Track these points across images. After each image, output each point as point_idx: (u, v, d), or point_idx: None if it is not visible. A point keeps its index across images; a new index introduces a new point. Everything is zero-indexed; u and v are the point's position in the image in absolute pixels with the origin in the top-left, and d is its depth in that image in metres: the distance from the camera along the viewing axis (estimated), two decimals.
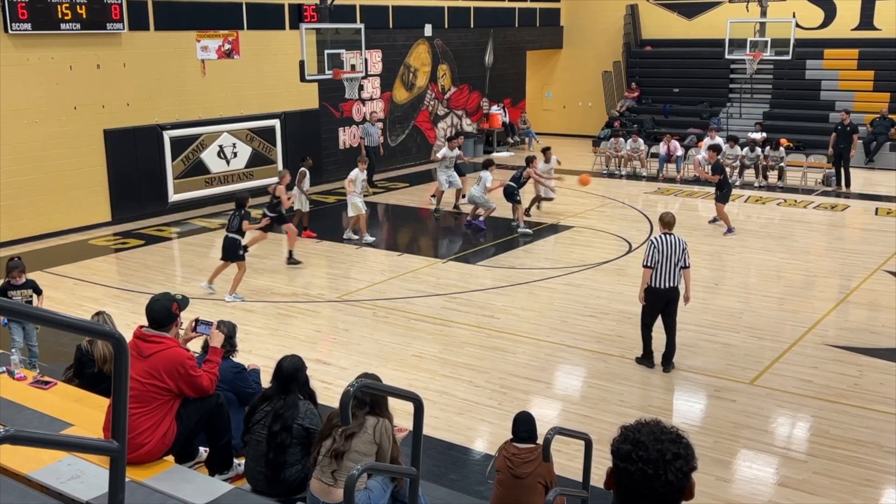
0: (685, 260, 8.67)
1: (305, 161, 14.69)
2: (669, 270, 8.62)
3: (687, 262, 8.69)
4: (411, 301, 11.26)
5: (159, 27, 16.15)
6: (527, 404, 7.97)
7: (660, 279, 8.64)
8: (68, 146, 14.99)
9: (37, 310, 2.51)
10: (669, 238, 8.68)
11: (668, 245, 8.63)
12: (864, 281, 11.99)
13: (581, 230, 15.17)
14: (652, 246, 8.68)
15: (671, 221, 8.90)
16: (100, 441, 3.27)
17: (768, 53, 20.41)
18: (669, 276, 8.64)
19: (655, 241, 8.72)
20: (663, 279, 8.64)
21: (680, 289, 8.75)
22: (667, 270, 8.62)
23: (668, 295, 8.72)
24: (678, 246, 8.64)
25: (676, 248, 8.63)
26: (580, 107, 27.34)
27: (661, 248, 8.62)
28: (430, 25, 22.43)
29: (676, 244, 8.65)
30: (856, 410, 7.92)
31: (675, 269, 8.63)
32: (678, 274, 8.66)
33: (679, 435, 2.21)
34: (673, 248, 8.62)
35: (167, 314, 4.99)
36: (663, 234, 8.76)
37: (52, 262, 13.28)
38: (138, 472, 4.59)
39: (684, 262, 8.66)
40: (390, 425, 4.88)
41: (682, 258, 8.64)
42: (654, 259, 8.63)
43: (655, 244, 8.67)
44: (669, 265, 8.61)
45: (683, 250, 8.66)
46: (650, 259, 8.66)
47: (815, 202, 17.42)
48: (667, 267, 8.61)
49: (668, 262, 8.61)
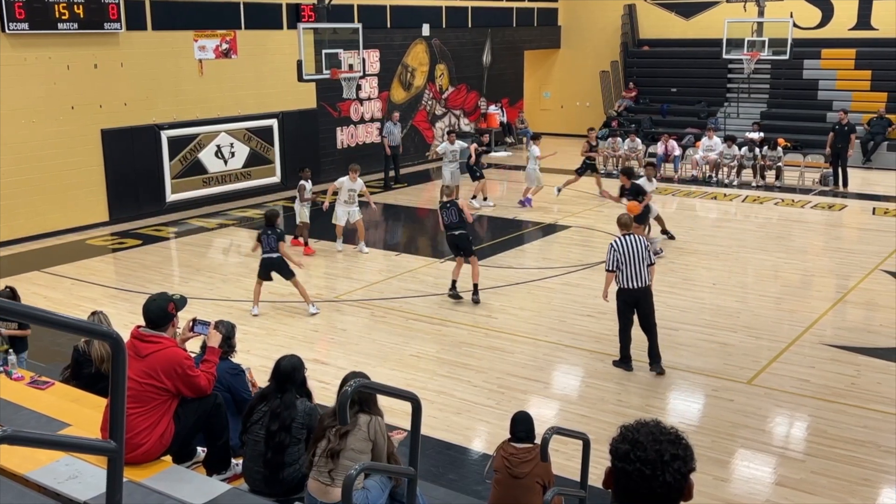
0: (649, 257, 8.75)
1: (304, 172, 14.19)
2: (636, 270, 8.66)
3: (652, 258, 8.82)
4: (409, 301, 11.26)
5: (157, 27, 16.14)
6: (525, 404, 7.97)
7: (627, 280, 8.69)
8: (66, 146, 14.98)
9: (35, 310, 2.50)
10: (629, 238, 8.77)
11: (629, 245, 8.68)
12: (861, 280, 12.01)
13: (579, 230, 15.17)
14: (612, 249, 8.75)
15: (628, 223, 9.10)
16: (97, 441, 3.27)
17: (766, 53, 20.43)
18: (637, 275, 8.67)
19: (615, 243, 8.78)
20: (631, 279, 8.67)
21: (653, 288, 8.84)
22: (633, 270, 8.66)
23: (639, 294, 8.74)
24: (640, 244, 8.73)
25: (639, 247, 8.70)
26: (578, 106, 27.34)
27: (623, 249, 8.68)
28: (427, 25, 22.43)
29: (638, 243, 8.75)
30: (853, 410, 7.93)
31: (641, 268, 8.67)
32: (646, 272, 8.70)
33: (678, 436, 2.21)
34: (635, 247, 8.68)
35: (164, 314, 4.99)
36: (623, 235, 8.85)
37: (50, 262, 13.27)
38: (136, 473, 4.58)
39: (650, 259, 8.73)
40: (382, 422, 4.89)
41: (647, 256, 8.71)
42: (617, 261, 8.69)
43: (615, 247, 8.73)
44: (635, 265, 8.65)
45: (646, 248, 8.76)
46: (611, 263, 8.73)
47: (813, 202, 17.44)
48: (633, 267, 8.65)
49: (633, 262, 8.64)
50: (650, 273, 8.76)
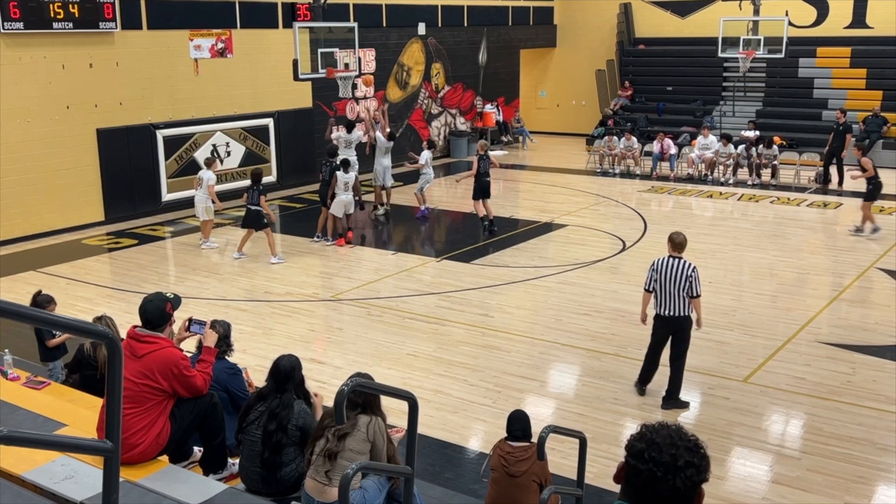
0: (691, 288, 7.78)
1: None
2: (671, 297, 7.82)
3: (695, 290, 7.79)
4: (406, 300, 11.26)
5: (152, 26, 16.11)
6: (521, 403, 7.98)
7: (661, 305, 7.91)
8: (61, 145, 14.95)
9: (32, 310, 2.50)
10: (671, 262, 7.87)
11: (668, 269, 7.84)
12: (856, 279, 12.04)
13: (575, 229, 15.18)
14: (651, 268, 8.01)
15: (681, 243, 8.01)
16: (93, 441, 3.26)
17: (761, 52, 20.47)
18: (672, 303, 7.83)
19: (655, 263, 8.00)
20: (665, 306, 7.88)
21: (693, 318, 7.97)
22: (668, 297, 7.84)
23: (672, 324, 7.91)
24: (681, 272, 7.79)
25: (678, 274, 7.79)
26: (574, 105, 27.36)
27: (661, 271, 7.87)
28: (423, 24, 22.42)
29: (679, 270, 7.80)
30: (848, 408, 7.95)
31: (678, 297, 7.79)
32: (684, 302, 7.82)
33: (697, 444, 2.19)
34: (674, 273, 7.80)
35: (161, 314, 4.98)
36: (669, 256, 7.96)
37: (45, 262, 13.24)
38: (132, 473, 4.58)
39: (691, 291, 7.79)
40: (383, 423, 4.89)
41: (686, 286, 7.77)
42: (653, 282, 7.94)
43: (654, 267, 7.97)
44: (671, 292, 7.81)
45: (687, 278, 7.75)
46: (648, 282, 8.00)
47: (808, 200, 17.47)
48: (667, 293, 7.83)
49: (670, 289, 7.81)
50: (690, 305, 7.84)
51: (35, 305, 7.35)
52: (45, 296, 7.64)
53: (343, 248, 13.98)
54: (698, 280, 7.82)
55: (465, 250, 13.83)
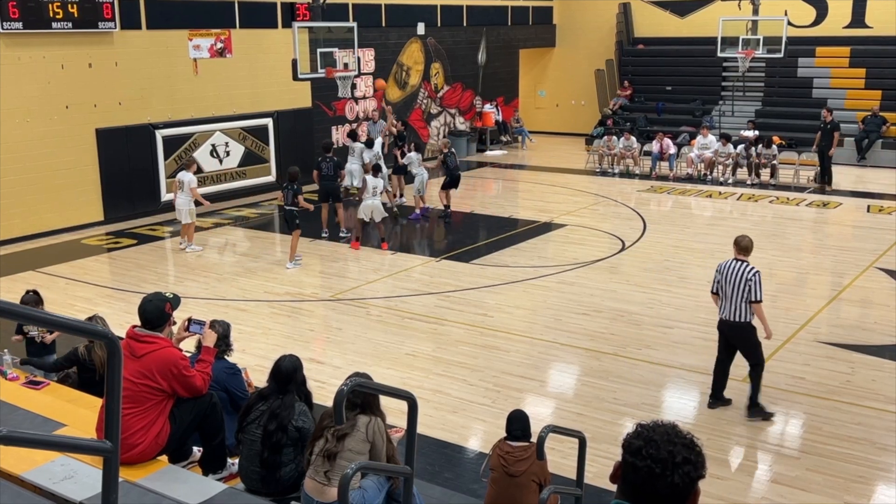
0: (751, 292, 7.56)
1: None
2: (731, 302, 7.66)
3: (755, 295, 7.56)
4: (405, 300, 11.26)
5: (151, 26, 16.10)
6: (520, 402, 7.98)
7: (723, 310, 7.77)
8: (60, 145, 14.94)
9: (31, 310, 2.50)
10: (735, 265, 7.68)
11: (729, 272, 7.66)
12: (856, 278, 12.04)
13: (574, 228, 15.18)
14: (716, 271, 7.86)
15: (747, 246, 7.80)
16: (93, 441, 3.26)
17: (760, 51, 20.47)
18: (731, 307, 7.66)
19: (720, 266, 7.83)
20: (725, 311, 7.74)
21: (756, 324, 7.73)
22: (728, 301, 7.68)
23: (734, 330, 7.74)
24: (741, 275, 7.58)
25: (738, 277, 7.58)
26: (573, 105, 27.36)
27: (724, 274, 7.70)
28: (422, 24, 22.42)
29: (740, 273, 7.60)
30: (848, 407, 7.95)
31: (738, 302, 7.61)
32: (744, 308, 7.62)
33: (693, 442, 2.22)
34: (734, 276, 7.61)
35: (160, 314, 4.98)
36: (733, 259, 7.77)
37: (45, 262, 13.24)
38: (132, 473, 4.58)
39: (750, 295, 7.57)
40: (383, 424, 4.88)
41: (745, 290, 7.57)
42: (716, 284, 7.80)
43: (718, 269, 7.81)
44: (730, 295, 7.64)
45: (746, 281, 7.55)
46: (714, 285, 7.86)
47: (807, 199, 17.48)
48: (728, 297, 7.67)
49: (730, 292, 7.64)
50: (751, 310, 7.64)
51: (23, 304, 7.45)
52: (31, 295, 7.70)
53: (357, 249, 13.80)
54: (759, 284, 7.59)
55: (465, 250, 13.83)
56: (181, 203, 13.60)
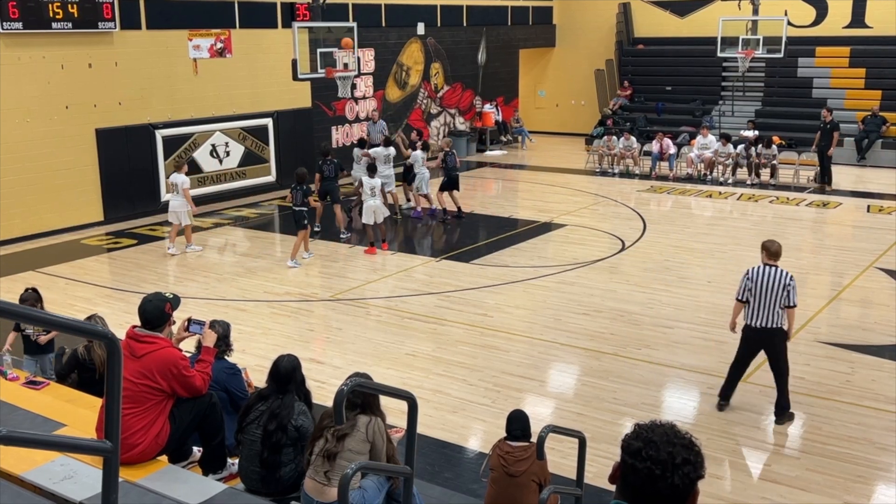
0: (788, 298, 7.47)
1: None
2: (766, 307, 7.48)
3: (792, 300, 7.49)
4: (405, 300, 11.26)
5: (151, 26, 16.10)
6: (520, 402, 7.98)
7: (753, 316, 7.57)
8: (60, 145, 14.94)
9: (30, 310, 2.50)
10: (769, 271, 7.54)
11: (765, 278, 7.50)
12: (856, 278, 12.04)
13: (574, 228, 15.18)
14: (745, 276, 7.64)
15: (776, 251, 7.66)
16: (93, 441, 3.27)
17: (760, 51, 20.46)
18: (766, 314, 7.50)
19: (750, 271, 7.64)
20: (757, 316, 7.55)
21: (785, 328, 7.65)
22: (762, 307, 7.49)
23: (765, 337, 7.59)
24: (779, 281, 7.47)
25: (776, 283, 7.46)
26: (573, 105, 27.37)
27: (757, 280, 7.52)
28: (422, 24, 22.42)
29: (777, 279, 7.48)
30: (847, 407, 7.95)
31: (773, 307, 7.48)
32: (778, 313, 7.50)
33: (692, 442, 2.21)
34: (771, 282, 7.47)
35: (160, 314, 4.99)
36: (764, 265, 7.64)
37: (45, 262, 13.24)
38: (132, 473, 4.58)
39: (788, 301, 7.48)
40: (383, 424, 4.89)
41: (783, 296, 7.46)
42: (748, 292, 7.59)
43: (749, 275, 7.60)
44: (766, 302, 7.48)
45: (784, 287, 7.44)
46: (741, 291, 7.63)
47: (807, 199, 17.48)
48: (763, 303, 7.49)
49: (765, 299, 7.48)
50: (785, 316, 7.55)
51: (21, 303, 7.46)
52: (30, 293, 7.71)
53: (373, 255, 13.56)
54: (796, 289, 7.53)
55: (465, 250, 13.83)
56: (177, 205, 13.56)
